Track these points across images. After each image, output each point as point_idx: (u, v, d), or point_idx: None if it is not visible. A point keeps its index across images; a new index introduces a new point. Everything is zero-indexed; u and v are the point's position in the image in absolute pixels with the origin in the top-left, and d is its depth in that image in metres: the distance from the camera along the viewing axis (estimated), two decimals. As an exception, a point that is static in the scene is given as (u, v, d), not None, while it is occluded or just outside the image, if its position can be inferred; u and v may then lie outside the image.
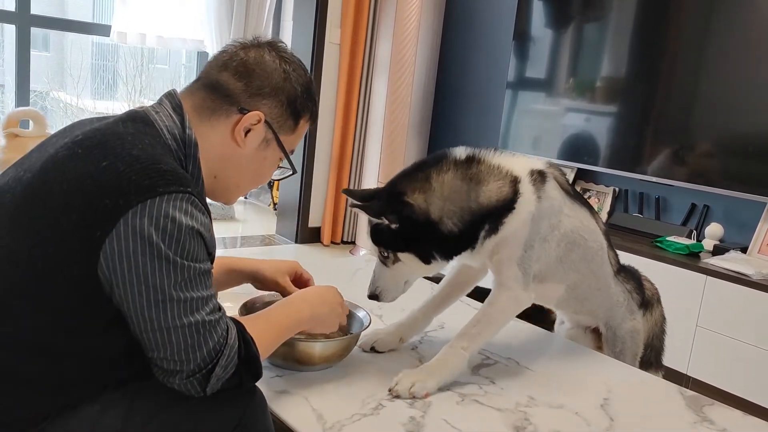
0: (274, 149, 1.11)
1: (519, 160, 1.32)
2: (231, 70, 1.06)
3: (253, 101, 1.06)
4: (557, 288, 1.45)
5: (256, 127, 1.06)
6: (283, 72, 1.07)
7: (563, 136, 3.60)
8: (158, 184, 0.90)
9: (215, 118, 1.06)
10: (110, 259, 0.88)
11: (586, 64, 3.56)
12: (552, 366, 1.43)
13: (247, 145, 1.07)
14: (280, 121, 1.09)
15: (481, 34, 4.27)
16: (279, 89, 1.07)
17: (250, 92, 1.05)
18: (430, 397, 1.20)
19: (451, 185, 1.23)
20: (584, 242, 1.41)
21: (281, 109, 1.08)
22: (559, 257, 1.37)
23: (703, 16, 3.08)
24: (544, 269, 1.36)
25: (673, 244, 2.97)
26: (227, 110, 1.05)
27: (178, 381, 0.94)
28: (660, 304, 1.69)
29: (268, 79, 1.06)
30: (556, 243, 1.35)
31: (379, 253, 1.29)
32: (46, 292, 0.89)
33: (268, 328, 1.09)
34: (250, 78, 1.05)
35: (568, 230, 1.37)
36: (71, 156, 0.93)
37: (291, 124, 1.11)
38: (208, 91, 1.06)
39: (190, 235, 0.91)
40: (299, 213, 4.49)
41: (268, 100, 1.07)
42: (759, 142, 2.85)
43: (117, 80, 6.28)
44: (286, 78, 1.08)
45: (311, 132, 4.37)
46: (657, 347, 1.67)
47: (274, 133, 1.09)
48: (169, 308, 0.90)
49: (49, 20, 4.76)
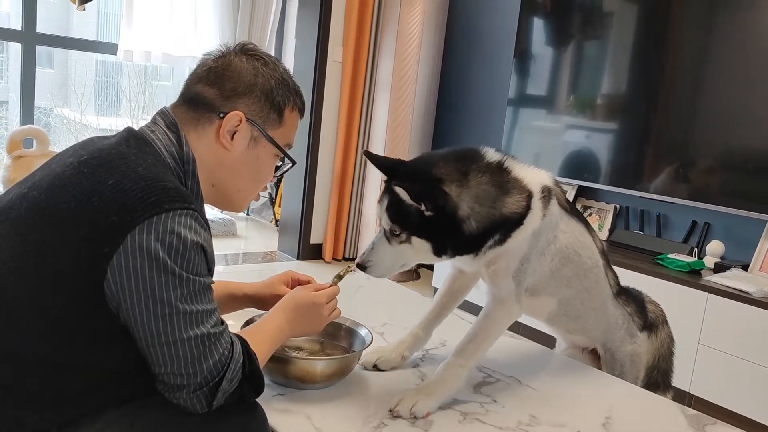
0: (265, 145, 1.12)
1: (533, 173, 1.32)
2: (204, 80, 1.09)
3: (229, 103, 1.08)
4: (549, 302, 1.45)
5: (240, 128, 1.08)
6: (252, 69, 1.09)
7: (564, 153, 3.62)
8: (163, 200, 0.92)
9: (200, 128, 1.08)
10: (117, 275, 0.89)
11: (587, 81, 3.58)
12: (553, 384, 1.43)
13: (235, 147, 1.09)
14: (263, 116, 1.10)
15: (482, 52, 4.30)
16: (251, 86, 1.09)
17: (224, 95, 1.08)
18: (432, 416, 1.20)
19: (484, 188, 1.23)
20: (578, 258, 1.41)
21: (260, 104, 1.09)
22: (552, 271, 1.38)
23: (703, 33, 3.11)
24: (537, 282, 1.37)
25: (675, 262, 2.97)
26: (209, 117, 1.08)
27: (185, 395, 0.94)
28: (666, 325, 1.67)
29: (239, 79, 1.08)
30: (550, 257, 1.36)
31: (390, 230, 1.25)
32: (52, 306, 0.90)
33: (260, 341, 1.09)
34: (222, 82, 1.08)
35: (563, 245, 1.37)
36: (77, 175, 0.96)
37: (275, 117, 1.11)
38: (188, 104, 1.09)
39: (194, 250, 0.93)
40: (301, 230, 4.50)
41: (244, 99, 1.08)
42: (759, 160, 2.86)
43: (120, 97, 6.33)
44: (256, 74, 1.09)
45: (313, 148, 4.40)
46: (664, 369, 1.65)
47: (260, 129, 1.10)
48: (176, 321, 0.92)
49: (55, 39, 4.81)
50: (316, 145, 4.41)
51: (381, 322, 1.64)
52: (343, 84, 4.36)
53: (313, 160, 4.43)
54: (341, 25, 4.34)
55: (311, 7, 4.34)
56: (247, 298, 1.35)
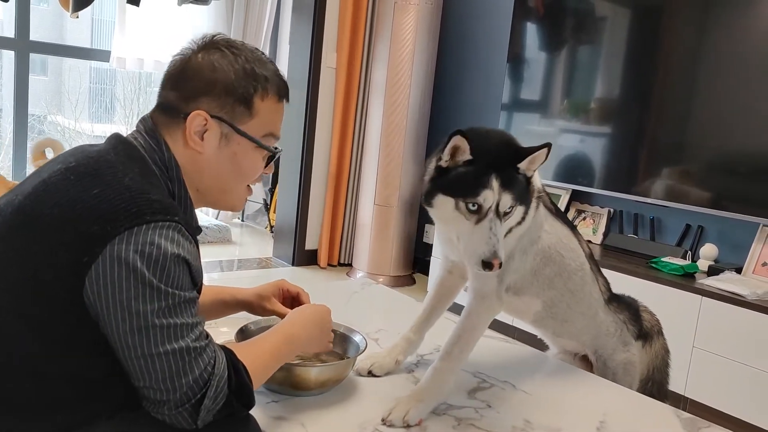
0: (240, 141, 1.07)
1: None
2: (167, 86, 1.07)
3: (191, 104, 1.04)
4: (534, 303, 1.46)
5: (207, 126, 1.04)
6: (209, 64, 1.05)
7: (558, 157, 3.63)
8: (145, 212, 0.91)
9: (170, 133, 1.06)
10: (95, 284, 0.88)
11: (580, 85, 3.60)
12: (548, 389, 1.43)
13: (206, 148, 1.05)
14: (228, 111, 1.05)
15: (475, 57, 4.32)
16: (210, 82, 1.04)
17: (185, 97, 1.05)
18: (427, 422, 1.20)
19: None
20: (560, 259, 1.43)
21: (222, 100, 1.04)
22: (534, 270, 1.39)
23: (696, 37, 3.13)
24: (519, 281, 1.38)
25: (668, 265, 2.98)
26: (176, 122, 1.05)
27: (167, 412, 0.93)
28: (662, 336, 1.66)
29: (197, 78, 1.05)
30: (532, 256, 1.38)
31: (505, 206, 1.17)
32: (35, 313, 0.89)
33: (261, 355, 1.07)
34: (182, 84, 1.05)
35: (545, 245, 1.39)
36: (63, 181, 0.95)
37: (243, 109, 1.06)
38: (160, 110, 1.08)
39: (175, 262, 0.91)
40: (296, 236, 4.49)
41: (205, 97, 1.04)
42: (752, 163, 2.88)
43: (115, 104, 6.32)
44: (214, 69, 1.05)
45: (308, 154, 4.40)
46: (659, 380, 1.63)
47: (228, 124, 1.05)
48: (152, 335, 0.90)
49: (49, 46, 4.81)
50: (311, 151, 4.42)
51: (376, 328, 1.64)
52: (337, 90, 4.37)
53: (308, 166, 4.43)
54: (335, 31, 4.35)
55: (305, 13, 4.35)
56: (238, 304, 1.34)
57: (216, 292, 1.33)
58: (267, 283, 1.36)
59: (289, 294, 1.36)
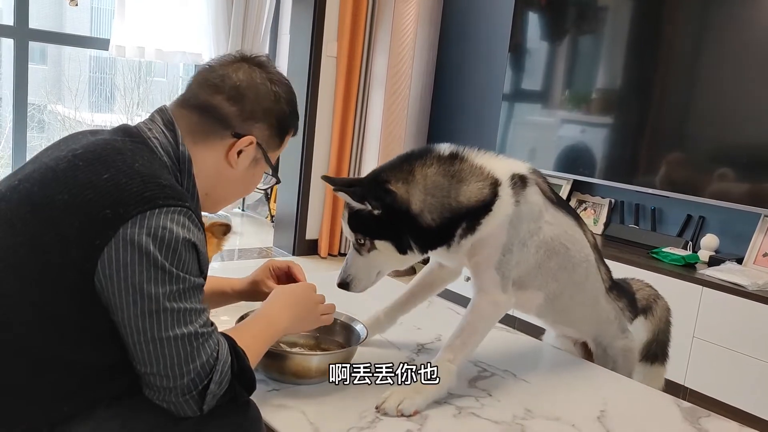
0: (263, 166, 1.14)
1: (502, 162, 1.32)
2: (224, 93, 1.07)
3: (246, 125, 1.08)
4: (536, 295, 1.44)
5: (247, 149, 1.09)
6: (273, 95, 1.09)
7: (559, 147, 3.62)
8: (158, 196, 0.91)
9: (210, 141, 1.07)
10: (107, 268, 0.88)
11: (582, 76, 3.58)
12: (548, 378, 1.43)
13: (239, 166, 1.10)
14: (269, 141, 1.12)
15: (476, 47, 4.30)
16: (269, 111, 1.09)
17: (243, 117, 1.07)
18: (427, 411, 1.20)
19: (433, 180, 1.25)
20: (565, 251, 1.40)
21: (271, 131, 1.11)
22: (538, 263, 1.37)
23: (697, 28, 3.11)
24: (523, 275, 1.36)
25: (669, 255, 2.98)
26: (221, 134, 1.07)
27: (174, 399, 0.93)
28: (660, 299, 1.71)
29: (260, 102, 1.08)
30: (535, 249, 1.35)
31: (355, 241, 1.29)
32: (44, 299, 0.89)
33: (250, 338, 1.08)
34: (243, 102, 1.07)
35: (548, 237, 1.36)
36: (72, 167, 0.95)
37: (278, 141, 1.14)
38: (202, 114, 1.07)
39: (185, 247, 0.92)
40: (296, 225, 4.49)
41: (260, 123, 1.09)
42: (753, 154, 2.87)
43: (115, 93, 6.30)
44: (277, 100, 1.10)
45: (309, 144, 4.39)
46: (662, 340, 1.68)
47: (263, 152, 1.11)
48: (163, 318, 0.90)
49: (48, 34, 4.78)
50: (311, 141, 4.41)
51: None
52: (337, 79, 4.35)
53: (308, 156, 4.42)
54: (336, 21, 4.33)
55: (305, 2, 4.33)
56: (236, 294, 1.35)
57: (215, 283, 1.33)
58: (256, 269, 1.36)
59: (280, 271, 1.36)
